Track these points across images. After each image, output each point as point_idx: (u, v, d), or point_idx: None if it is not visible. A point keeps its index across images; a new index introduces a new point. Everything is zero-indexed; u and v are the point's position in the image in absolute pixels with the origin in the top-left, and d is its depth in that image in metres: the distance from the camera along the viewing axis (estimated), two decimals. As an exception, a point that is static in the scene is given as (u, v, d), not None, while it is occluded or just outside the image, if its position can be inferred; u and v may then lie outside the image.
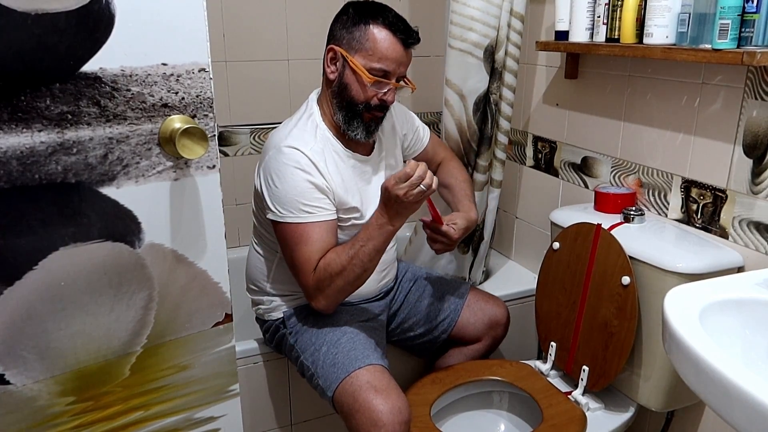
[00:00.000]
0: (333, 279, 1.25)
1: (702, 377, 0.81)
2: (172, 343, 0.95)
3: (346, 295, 1.30)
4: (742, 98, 1.24)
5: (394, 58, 1.28)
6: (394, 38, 1.27)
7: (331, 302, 1.30)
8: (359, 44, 1.27)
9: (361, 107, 1.30)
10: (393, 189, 1.18)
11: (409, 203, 1.19)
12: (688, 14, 1.21)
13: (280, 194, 1.27)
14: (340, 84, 1.30)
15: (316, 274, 1.26)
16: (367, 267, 1.26)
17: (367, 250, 1.24)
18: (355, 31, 1.27)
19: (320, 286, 1.27)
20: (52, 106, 0.77)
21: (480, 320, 1.57)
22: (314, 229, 1.27)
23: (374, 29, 1.27)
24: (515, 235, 2.03)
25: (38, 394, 0.85)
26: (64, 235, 0.81)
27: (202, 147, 0.84)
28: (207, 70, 0.87)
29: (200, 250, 0.93)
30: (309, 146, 1.29)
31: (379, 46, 1.26)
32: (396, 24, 1.28)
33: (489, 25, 1.58)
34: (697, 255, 1.27)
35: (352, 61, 1.27)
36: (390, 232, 1.24)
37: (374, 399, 1.20)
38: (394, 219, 1.23)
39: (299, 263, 1.28)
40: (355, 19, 1.28)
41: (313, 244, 1.27)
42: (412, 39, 1.30)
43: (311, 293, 1.30)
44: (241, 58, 1.94)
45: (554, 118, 1.77)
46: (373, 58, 1.27)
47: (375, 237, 1.24)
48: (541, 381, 1.46)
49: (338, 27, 1.31)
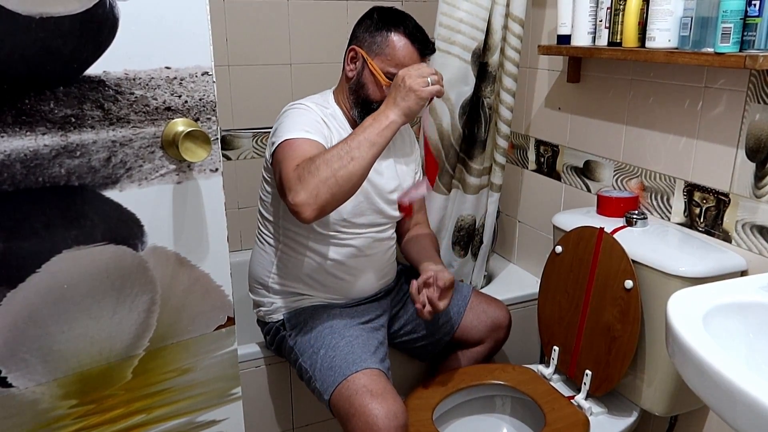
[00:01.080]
0: (316, 165, 1.14)
1: (706, 381, 0.81)
2: (175, 346, 0.95)
3: (328, 190, 1.14)
4: (745, 102, 1.24)
5: (410, 65, 1.32)
6: (411, 47, 1.34)
7: (310, 195, 1.13)
8: (379, 48, 1.34)
9: (375, 106, 1.34)
10: (406, 74, 1.20)
11: (416, 94, 1.19)
12: (691, 18, 1.21)
13: (284, 125, 1.31)
14: (358, 82, 1.37)
15: (300, 165, 1.18)
16: (354, 156, 1.15)
17: (359, 139, 1.17)
18: (377, 36, 1.34)
19: (301, 175, 1.15)
20: (55, 110, 0.77)
21: (482, 323, 1.57)
22: (309, 143, 1.26)
23: (394, 36, 1.34)
24: (517, 238, 2.03)
25: (41, 397, 0.85)
26: (67, 238, 0.81)
27: (205, 150, 0.84)
28: (210, 74, 0.87)
29: (203, 253, 0.93)
30: (317, 107, 1.37)
31: (397, 53, 1.33)
32: (415, 34, 1.35)
33: (477, 28, 1.59)
34: (700, 259, 1.27)
35: (371, 63, 1.34)
36: (386, 121, 1.18)
37: (370, 403, 1.20)
38: (393, 108, 1.20)
39: (285, 165, 1.20)
40: (379, 24, 1.35)
41: (302, 151, 1.22)
42: (429, 49, 1.37)
43: (292, 185, 1.15)
44: (243, 62, 1.94)
45: (556, 121, 1.77)
46: (390, 63, 1.33)
47: (369, 126, 1.19)
48: (543, 385, 1.46)
49: (362, 30, 1.38)
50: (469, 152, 1.73)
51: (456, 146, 1.69)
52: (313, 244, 1.39)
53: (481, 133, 1.70)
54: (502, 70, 1.69)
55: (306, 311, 1.41)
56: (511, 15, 1.63)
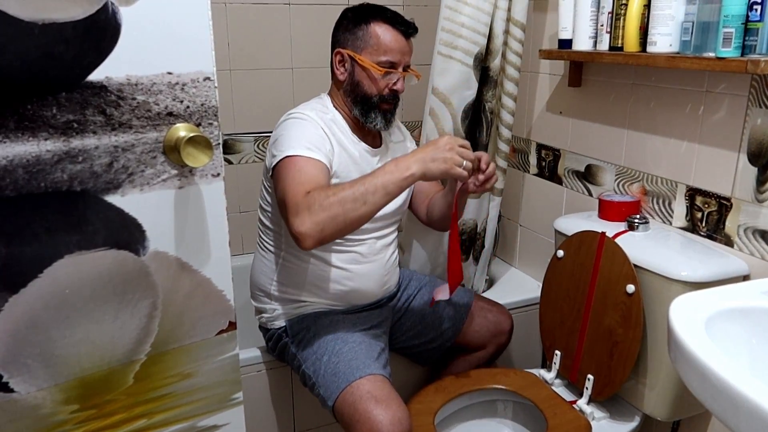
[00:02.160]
0: (329, 201, 1.14)
1: (708, 386, 0.81)
2: (176, 351, 0.95)
3: (334, 228, 1.15)
4: (747, 106, 1.24)
5: (398, 49, 1.36)
6: (394, 30, 1.35)
7: (315, 228, 1.14)
8: (364, 42, 1.34)
9: (375, 99, 1.37)
10: (451, 144, 1.19)
11: (447, 166, 1.17)
12: (692, 22, 1.21)
13: (285, 138, 1.29)
14: (352, 82, 1.37)
15: (311, 193, 1.17)
16: (368, 201, 1.15)
17: (377, 183, 1.16)
18: (358, 32, 1.35)
19: (311, 205, 1.14)
20: (58, 115, 0.77)
21: (484, 328, 1.57)
22: (314, 164, 1.25)
23: (375, 26, 1.34)
24: (519, 243, 2.03)
25: (42, 402, 0.85)
26: (69, 243, 0.81)
27: (207, 155, 0.84)
28: (212, 79, 0.87)
29: (204, 257, 0.93)
30: (317, 114, 1.35)
31: (383, 40, 1.34)
32: (394, 17, 1.36)
33: (479, 33, 1.60)
34: (703, 263, 1.26)
35: (360, 59, 1.34)
36: (406, 173, 1.16)
37: (374, 409, 1.20)
38: (419, 163, 1.17)
39: (291, 187, 1.19)
40: (356, 20, 1.36)
41: (309, 174, 1.22)
42: (411, 29, 1.38)
43: (299, 211, 1.15)
44: (245, 67, 1.95)
45: (558, 126, 1.77)
46: (379, 52, 1.34)
47: (389, 172, 1.17)
48: (545, 390, 1.45)
49: (340, 32, 1.38)
50: None
51: None
52: (315, 251, 1.39)
53: (482, 137, 1.70)
54: (504, 74, 1.69)
55: (308, 318, 1.41)
56: (512, 19, 1.64)
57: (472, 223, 1.79)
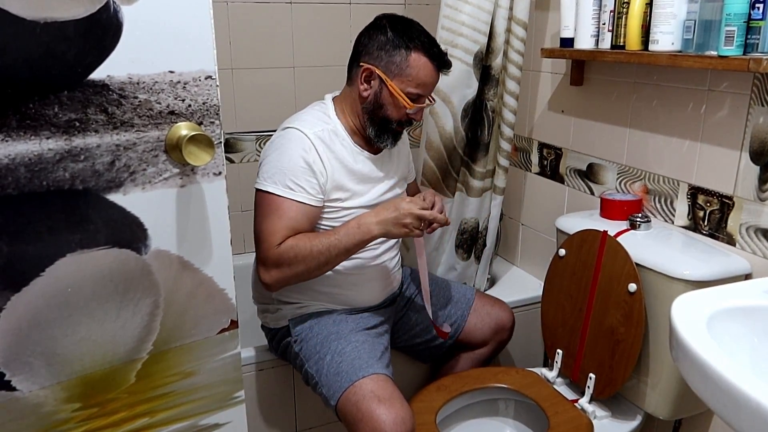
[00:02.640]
0: (296, 260, 1.25)
1: (710, 385, 0.81)
2: (178, 350, 0.95)
3: (296, 280, 1.30)
4: (749, 105, 1.23)
5: (431, 83, 1.34)
6: (432, 66, 1.31)
7: (280, 281, 1.29)
8: (399, 69, 1.30)
9: (393, 125, 1.35)
10: (410, 210, 1.22)
11: (406, 230, 1.25)
12: (694, 21, 1.21)
13: (271, 164, 1.29)
14: (375, 103, 1.33)
15: (281, 249, 1.25)
16: (330, 262, 1.27)
17: (339, 246, 1.25)
18: (396, 56, 1.29)
19: (279, 262, 1.26)
20: (60, 114, 0.77)
21: (486, 325, 1.57)
22: (291, 206, 1.27)
23: (414, 56, 1.29)
24: (520, 241, 2.03)
25: (44, 401, 0.85)
26: (71, 242, 0.82)
27: (209, 154, 0.84)
28: (213, 78, 0.87)
29: (206, 256, 0.93)
30: (313, 130, 1.32)
31: (420, 74, 1.30)
32: (432, 50, 1.31)
33: (479, 31, 1.59)
34: (704, 262, 1.26)
35: (392, 86, 1.30)
36: (367, 236, 1.26)
37: (377, 409, 1.20)
38: (380, 226, 1.25)
39: (265, 233, 1.27)
40: (396, 42, 1.29)
41: (284, 219, 1.27)
42: (445, 65, 1.35)
43: (267, 264, 1.27)
44: (247, 66, 1.94)
45: (559, 124, 1.77)
46: (411, 84, 1.31)
47: (351, 234, 1.26)
48: (547, 388, 1.45)
49: (375, 46, 1.31)
50: (473, 155, 1.72)
51: (459, 150, 1.70)
52: None
53: (484, 136, 1.70)
54: (506, 73, 1.69)
55: (311, 317, 1.41)
56: (514, 18, 1.63)
57: (473, 222, 1.79)
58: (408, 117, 1.35)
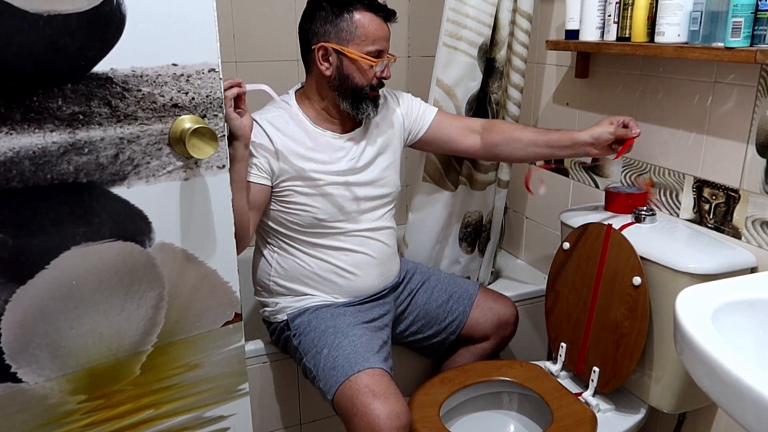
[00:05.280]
0: None
1: (714, 379, 0.80)
2: (182, 342, 0.95)
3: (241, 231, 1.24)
4: (756, 97, 1.22)
5: (384, 36, 1.35)
6: (377, 18, 1.33)
7: None
8: (349, 34, 1.31)
9: (366, 90, 1.36)
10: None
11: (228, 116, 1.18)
12: (701, 12, 1.20)
13: None
14: (340, 76, 1.34)
15: None
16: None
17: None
18: (340, 23, 1.31)
19: None
20: (63, 107, 0.77)
21: (489, 320, 1.56)
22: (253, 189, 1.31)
23: (358, 15, 1.31)
24: (525, 235, 2.02)
25: (50, 392, 0.85)
26: (75, 235, 0.82)
27: (212, 147, 0.84)
28: (217, 71, 0.87)
29: (210, 249, 0.94)
30: (265, 116, 1.36)
31: (369, 30, 1.32)
32: (375, 4, 1.33)
33: (484, 23, 1.58)
34: (710, 255, 1.26)
35: (349, 52, 1.31)
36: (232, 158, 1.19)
37: (372, 403, 1.20)
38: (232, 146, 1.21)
39: None
40: (335, 11, 1.31)
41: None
42: (392, 14, 1.36)
43: None
44: (250, 59, 1.94)
45: (564, 117, 1.76)
46: (366, 43, 1.32)
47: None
48: (551, 382, 1.45)
49: (318, 24, 1.33)
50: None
51: None
52: (304, 246, 1.40)
53: None
54: (510, 65, 1.68)
55: (309, 311, 1.41)
56: (518, 10, 1.62)
57: (477, 216, 1.79)
58: (377, 78, 1.36)
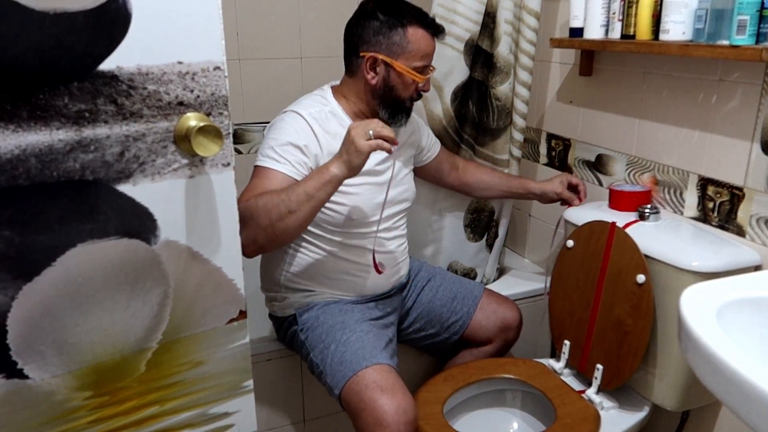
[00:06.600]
0: (258, 211, 1.18)
1: (718, 377, 0.80)
2: (187, 340, 0.96)
3: (267, 239, 1.21)
4: (761, 95, 1.22)
5: (432, 52, 1.38)
6: (428, 35, 1.35)
7: (248, 238, 1.17)
8: (400, 48, 1.32)
9: (408, 103, 1.39)
10: (353, 127, 1.17)
11: (355, 147, 1.15)
12: (706, 10, 1.20)
13: (266, 144, 1.32)
14: (385, 87, 1.36)
15: (248, 203, 1.20)
16: (293, 210, 1.18)
17: (299, 189, 1.18)
18: (394, 36, 1.32)
19: (243, 215, 1.13)
20: (70, 105, 0.78)
21: (492, 323, 1.57)
22: (275, 175, 1.27)
23: (411, 30, 1.33)
24: (529, 233, 2.02)
25: (56, 389, 0.86)
26: (81, 232, 0.82)
27: (217, 145, 0.84)
28: (222, 69, 0.87)
29: (215, 247, 0.94)
30: (308, 111, 1.35)
31: (420, 46, 1.34)
32: (425, 19, 1.35)
33: (470, 20, 1.64)
34: (714, 253, 1.26)
35: (399, 66, 1.33)
36: (326, 175, 1.18)
37: (380, 398, 1.20)
38: (337, 162, 1.19)
39: (241, 197, 1.22)
40: (390, 23, 1.32)
41: (263, 185, 1.25)
42: (439, 30, 1.38)
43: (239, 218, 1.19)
44: (254, 57, 1.94)
45: (568, 115, 1.76)
46: (415, 58, 1.34)
47: (310, 178, 1.20)
48: (554, 379, 1.46)
49: (371, 34, 1.33)
50: (479, 139, 1.74)
51: (450, 129, 1.72)
52: (323, 243, 1.39)
53: (490, 122, 1.70)
54: (518, 63, 1.68)
55: (317, 306, 1.41)
56: (525, 7, 1.62)
57: (490, 208, 1.79)
58: (418, 90, 1.39)
